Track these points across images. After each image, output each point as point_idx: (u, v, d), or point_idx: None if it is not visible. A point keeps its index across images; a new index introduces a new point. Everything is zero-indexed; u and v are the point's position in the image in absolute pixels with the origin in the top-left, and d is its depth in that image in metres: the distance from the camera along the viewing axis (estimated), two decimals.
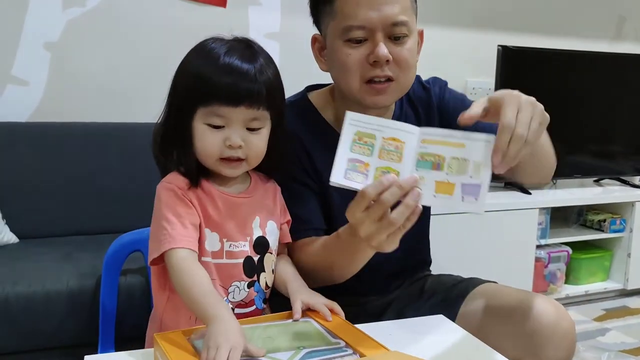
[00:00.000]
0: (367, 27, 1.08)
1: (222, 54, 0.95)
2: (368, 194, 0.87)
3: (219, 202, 0.99)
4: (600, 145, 3.03)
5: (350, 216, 0.91)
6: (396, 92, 1.15)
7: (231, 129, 0.95)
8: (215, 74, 0.94)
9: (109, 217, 2.12)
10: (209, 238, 0.98)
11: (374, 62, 1.09)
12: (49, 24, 2.26)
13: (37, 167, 2.10)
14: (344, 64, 1.11)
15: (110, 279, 1.33)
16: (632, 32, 3.34)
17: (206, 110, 0.95)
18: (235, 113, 0.94)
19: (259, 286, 1.03)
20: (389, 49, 1.08)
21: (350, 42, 1.09)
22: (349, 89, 1.13)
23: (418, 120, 1.26)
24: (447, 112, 1.24)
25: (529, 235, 2.64)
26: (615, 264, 2.95)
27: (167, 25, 2.39)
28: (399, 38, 1.09)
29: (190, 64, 0.98)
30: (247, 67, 0.95)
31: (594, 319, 2.67)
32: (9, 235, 1.99)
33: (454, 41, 2.91)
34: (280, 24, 2.55)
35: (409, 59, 1.11)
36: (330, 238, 1.09)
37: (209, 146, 0.96)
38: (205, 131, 0.96)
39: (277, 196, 1.10)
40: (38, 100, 2.27)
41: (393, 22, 1.07)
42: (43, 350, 1.66)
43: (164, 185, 0.98)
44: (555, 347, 1.05)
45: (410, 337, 0.99)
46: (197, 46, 1.00)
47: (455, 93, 1.29)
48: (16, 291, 1.61)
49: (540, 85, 2.84)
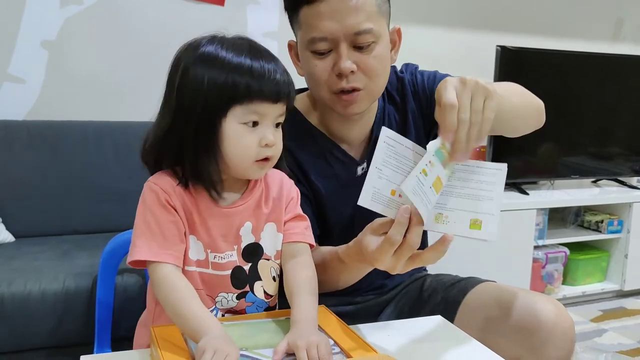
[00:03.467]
0: (330, 39, 1.05)
1: (249, 57, 0.91)
2: (395, 240, 0.86)
3: (203, 209, 0.94)
4: (598, 146, 3.04)
5: (380, 264, 0.89)
6: (366, 99, 1.12)
7: (264, 127, 0.92)
8: (255, 77, 0.89)
9: (105, 216, 2.12)
10: (193, 246, 0.94)
11: (339, 74, 1.07)
12: (46, 22, 2.25)
13: (34, 166, 2.10)
14: (313, 75, 1.10)
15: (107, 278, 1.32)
16: (630, 34, 3.34)
17: (244, 108, 0.90)
18: (273, 109, 0.92)
19: (254, 296, 0.98)
20: (354, 58, 1.06)
21: (316, 54, 1.08)
22: (320, 98, 1.13)
23: (397, 111, 1.25)
24: (421, 93, 1.24)
25: (526, 235, 2.64)
26: (612, 265, 2.96)
27: (165, 23, 2.38)
28: (364, 47, 1.06)
29: (212, 73, 0.89)
30: (276, 65, 0.93)
31: (591, 319, 2.67)
32: (5, 234, 1.98)
33: (452, 41, 2.91)
34: (279, 22, 2.55)
35: (376, 66, 1.08)
36: (332, 259, 1.03)
37: (246, 148, 0.91)
38: (240, 132, 0.90)
39: (283, 189, 1.02)
40: (35, 98, 2.27)
41: (356, 31, 1.04)
42: (39, 350, 1.65)
43: (150, 186, 0.93)
44: (555, 346, 1.05)
45: (407, 338, 0.99)
46: (204, 53, 0.92)
47: (427, 73, 1.27)
48: (12, 290, 1.60)
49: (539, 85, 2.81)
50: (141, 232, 0.91)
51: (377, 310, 1.29)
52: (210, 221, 0.95)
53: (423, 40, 2.70)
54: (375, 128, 1.22)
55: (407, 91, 1.25)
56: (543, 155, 2.85)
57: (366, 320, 1.05)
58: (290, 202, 1.03)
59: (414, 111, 1.25)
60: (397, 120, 1.25)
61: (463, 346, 0.97)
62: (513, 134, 1.23)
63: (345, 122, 1.18)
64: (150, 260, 0.89)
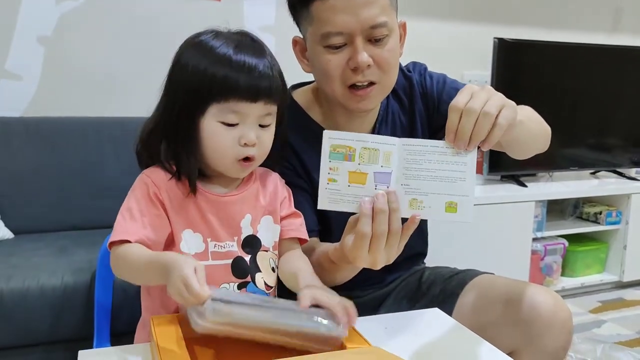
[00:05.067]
0: (345, 33, 1.04)
1: (233, 49, 0.91)
2: (365, 233, 0.87)
3: (201, 201, 0.96)
4: (596, 137, 3.04)
5: (360, 261, 0.90)
6: (380, 94, 1.13)
7: (246, 126, 0.92)
8: (233, 69, 0.90)
9: (103, 212, 2.09)
10: (190, 240, 0.94)
11: (355, 68, 1.06)
12: (43, 17, 2.24)
13: (32, 162, 2.09)
14: (325, 71, 1.08)
15: (105, 274, 1.32)
16: (629, 25, 3.33)
17: (222, 107, 0.90)
18: (252, 109, 0.91)
19: (255, 287, 0.99)
20: (369, 52, 1.05)
21: (329, 48, 1.06)
22: (332, 94, 1.12)
23: (404, 112, 1.24)
24: (429, 96, 1.24)
25: (525, 227, 2.64)
26: (611, 256, 2.96)
27: (161, 18, 2.38)
28: (379, 40, 1.06)
29: (196, 60, 0.92)
30: (261, 61, 0.92)
31: (589, 311, 2.67)
32: (3, 231, 1.98)
33: (449, 33, 2.90)
34: (276, 16, 2.54)
35: (390, 60, 1.08)
36: (325, 259, 1.04)
37: (223, 146, 0.92)
38: (219, 130, 0.91)
39: (277, 187, 1.05)
40: (32, 95, 2.26)
41: (372, 24, 1.03)
42: (38, 346, 1.65)
43: (142, 178, 0.95)
44: (553, 337, 1.05)
45: (405, 330, 0.99)
46: (196, 41, 0.95)
47: (436, 76, 1.27)
48: (11, 286, 1.60)
49: (537, 77, 2.84)
50: (122, 218, 0.92)
51: (377, 303, 1.29)
52: (208, 211, 0.96)
53: (420, 32, 2.69)
54: (378, 125, 1.22)
55: (415, 92, 1.24)
56: None
57: (365, 314, 1.05)
58: (284, 200, 1.05)
59: (422, 113, 1.24)
60: (403, 121, 1.24)
61: (460, 338, 0.98)
62: (519, 156, 1.21)
63: (349, 118, 1.18)
64: (120, 240, 0.90)
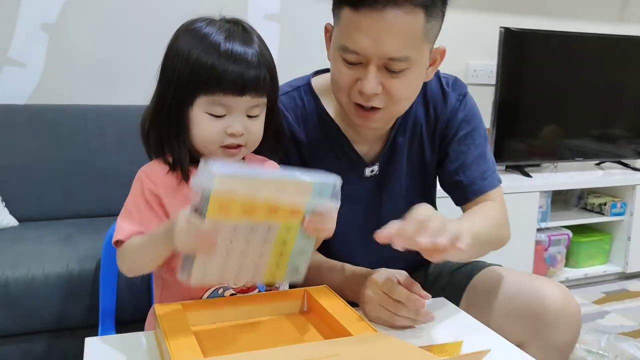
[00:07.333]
0: (361, 54, 0.99)
1: (222, 40, 0.91)
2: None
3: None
4: (601, 128, 3.02)
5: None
6: (384, 120, 1.09)
7: (232, 117, 0.92)
8: (220, 63, 0.89)
9: (108, 200, 2.11)
10: None
11: (361, 91, 1.02)
12: (46, 4, 2.23)
13: (36, 150, 2.09)
14: (336, 80, 1.05)
15: (110, 261, 1.32)
16: (635, 14, 3.30)
17: (208, 99, 0.91)
18: (239, 102, 0.91)
19: None
20: (382, 79, 1.00)
21: (344, 60, 1.02)
22: (339, 102, 1.10)
23: (427, 119, 1.20)
24: (451, 127, 1.19)
25: (529, 218, 2.64)
26: (615, 247, 2.96)
27: (166, 5, 2.36)
28: (395, 72, 1.00)
29: (187, 50, 0.92)
30: (249, 52, 0.91)
31: (593, 302, 2.68)
32: (8, 219, 1.98)
33: (455, 23, 2.86)
34: (281, 4, 2.52)
35: (402, 92, 1.03)
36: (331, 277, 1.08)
37: (209, 135, 0.92)
38: (205, 120, 0.92)
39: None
40: (36, 82, 2.25)
41: (389, 57, 0.98)
42: (43, 333, 1.66)
43: (139, 175, 0.96)
44: (561, 330, 1.05)
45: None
46: (188, 30, 0.95)
47: (469, 112, 1.20)
48: (16, 274, 1.60)
49: (542, 67, 2.82)
50: (121, 217, 0.94)
51: None
52: None
53: None
54: (395, 130, 1.18)
55: (446, 113, 1.19)
56: (546, 138, 2.83)
57: None
58: None
59: (441, 134, 1.20)
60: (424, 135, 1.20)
61: (467, 327, 0.98)
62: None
63: None
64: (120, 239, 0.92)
